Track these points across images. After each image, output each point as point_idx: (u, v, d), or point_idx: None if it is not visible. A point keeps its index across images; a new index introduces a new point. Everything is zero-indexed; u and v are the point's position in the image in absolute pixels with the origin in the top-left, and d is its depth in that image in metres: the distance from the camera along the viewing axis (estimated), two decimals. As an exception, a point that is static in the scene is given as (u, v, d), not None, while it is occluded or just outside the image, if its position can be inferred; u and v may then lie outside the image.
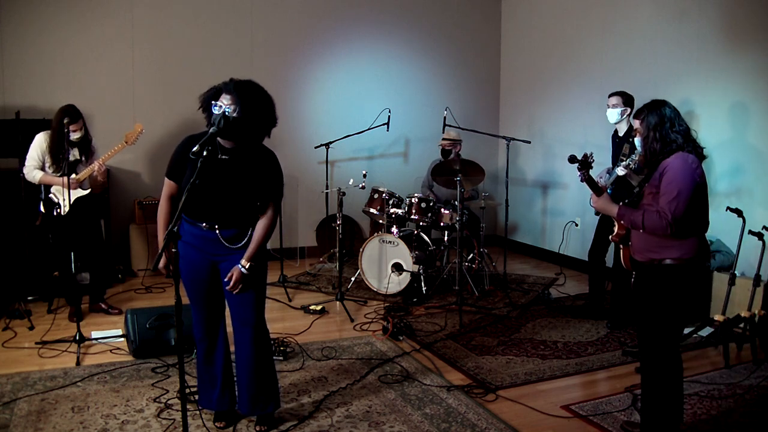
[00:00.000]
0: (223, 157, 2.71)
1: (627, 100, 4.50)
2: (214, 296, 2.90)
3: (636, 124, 2.81)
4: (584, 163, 2.95)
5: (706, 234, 2.77)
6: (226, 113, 2.63)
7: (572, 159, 2.98)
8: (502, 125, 7.72)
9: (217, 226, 2.76)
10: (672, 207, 2.62)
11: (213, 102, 2.69)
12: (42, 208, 4.42)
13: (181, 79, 6.16)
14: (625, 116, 4.50)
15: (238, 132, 2.69)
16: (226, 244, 2.77)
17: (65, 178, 4.10)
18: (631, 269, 2.95)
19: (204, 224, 2.77)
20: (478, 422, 3.07)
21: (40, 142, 4.37)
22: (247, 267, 2.74)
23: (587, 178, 2.95)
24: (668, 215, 2.62)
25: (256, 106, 2.70)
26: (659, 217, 2.65)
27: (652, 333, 2.76)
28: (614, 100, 4.50)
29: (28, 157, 4.37)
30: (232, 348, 2.97)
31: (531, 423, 3.10)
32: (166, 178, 2.90)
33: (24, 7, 5.66)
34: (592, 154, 3.13)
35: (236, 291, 2.76)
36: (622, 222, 2.87)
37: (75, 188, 4.36)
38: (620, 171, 4.16)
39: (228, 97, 2.67)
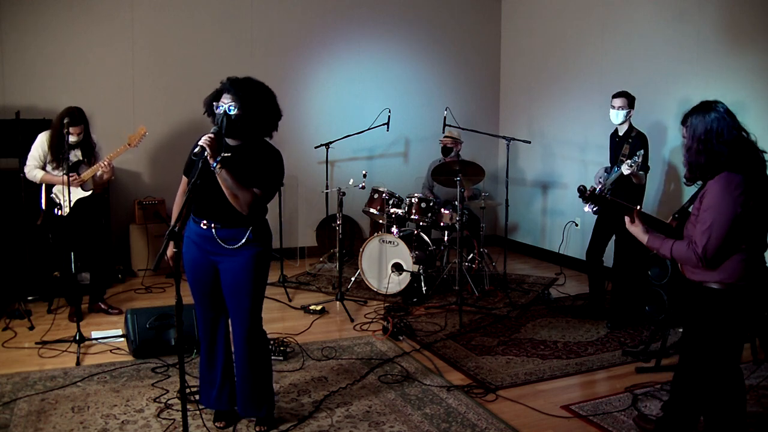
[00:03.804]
0: (226, 154, 2.72)
1: (631, 101, 4.52)
2: (215, 295, 2.91)
3: (683, 131, 2.59)
4: (596, 198, 2.69)
5: (764, 252, 2.53)
6: (228, 112, 2.67)
7: (582, 193, 2.71)
8: (502, 125, 7.72)
9: (213, 225, 2.77)
10: (704, 239, 2.38)
11: (215, 103, 2.73)
12: (43, 207, 4.42)
13: (181, 79, 6.17)
14: (627, 117, 4.52)
15: (242, 129, 2.73)
16: (223, 245, 2.78)
17: (66, 177, 4.10)
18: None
19: (203, 222, 2.79)
20: (478, 422, 3.07)
21: (41, 141, 4.38)
22: (217, 167, 2.62)
23: (611, 203, 2.71)
24: (698, 248, 2.39)
25: (257, 101, 2.74)
26: (688, 249, 2.43)
27: (700, 356, 2.57)
28: (620, 101, 4.51)
29: (29, 156, 4.38)
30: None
31: (531, 423, 3.10)
32: (183, 175, 2.96)
33: (24, 7, 5.66)
34: (601, 187, 2.91)
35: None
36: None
37: (76, 187, 4.36)
38: (625, 170, 4.15)
39: (228, 96, 2.72)
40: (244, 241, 2.78)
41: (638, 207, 2.71)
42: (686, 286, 2.62)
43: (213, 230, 2.78)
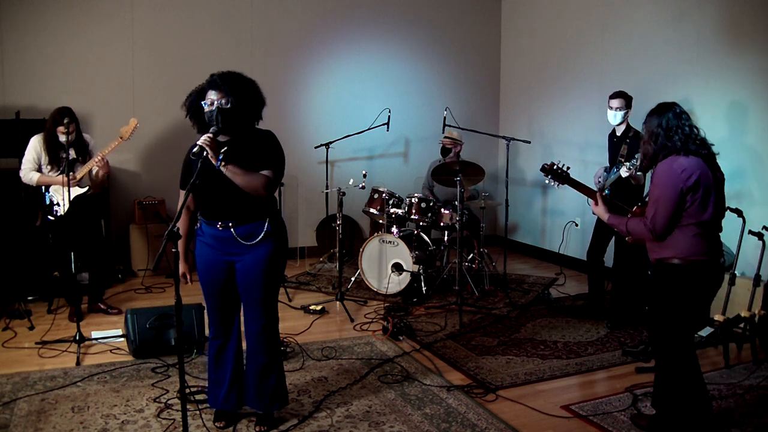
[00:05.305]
0: (223, 149, 2.71)
1: (628, 101, 4.53)
2: (229, 296, 2.91)
3: (643, 128, 2.87)
4: (556, 174, 3.09)
5: (719, 233, 2.77)
6: (221, 107, 2.66)
7: (543, 168, 3.10)
8: (502, 125, 7.72)
9: (231, 224, 2.78)
10: (650, 212, 2.66)
11: (202, 102, 2.71)
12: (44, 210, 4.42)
13: (181, 79, 6.08)
14: (625, 117, 4.53)
15: (235, 122, 2.72)
16: (242, 242, 2.78)
17: (63, 177, 4.10)
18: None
19: (219, 224, 2.79)
20: (478, 422, 3.07)
21: (34, 144, 4.37)
22: (221, 165, 2.62)
23: (572, 183, 3.04)
24: (648, 221, 2.67)
25: (246, 92, 2.74)
26: (639, 222, 2.71)
27: (661, 332, 2.78)
28: (618, 102, 4.51)
29: (23, 160, 4.38)
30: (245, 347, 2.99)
31: (531, 423, 3.10)
32: (180, 190, 2.95)
33: (24, 8, 5.66)
34: (562, 164, 3.23)
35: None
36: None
37: (74, 186, 4.36)
38: (624, 173, 4.16)
39: (215, 92, 2.70)
40: (262, 235, 2.79)
41: (604, 192, 3.04)
42: (651, 267, 2.86)
43: (232, 230, 2.78)
